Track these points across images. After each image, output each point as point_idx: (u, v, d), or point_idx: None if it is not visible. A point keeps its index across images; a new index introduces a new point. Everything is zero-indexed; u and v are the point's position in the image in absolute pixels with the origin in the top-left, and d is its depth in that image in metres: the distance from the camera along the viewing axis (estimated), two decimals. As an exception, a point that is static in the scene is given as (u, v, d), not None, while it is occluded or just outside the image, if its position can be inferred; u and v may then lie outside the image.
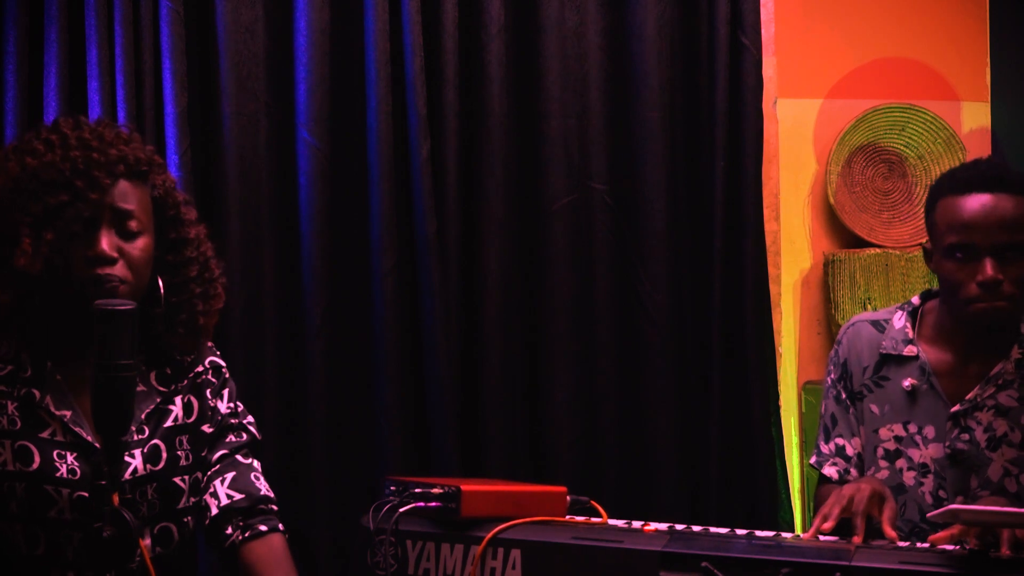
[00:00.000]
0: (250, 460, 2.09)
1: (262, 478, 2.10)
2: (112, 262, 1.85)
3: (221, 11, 2.93)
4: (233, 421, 2.07)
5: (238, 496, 2.01)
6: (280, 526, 2.05)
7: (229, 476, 2.03)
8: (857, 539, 2.05)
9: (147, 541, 1.89)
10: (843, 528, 2.11)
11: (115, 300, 1.79)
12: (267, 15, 2.99)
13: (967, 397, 2.44)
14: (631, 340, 3.19)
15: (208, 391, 2.04)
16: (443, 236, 3.07)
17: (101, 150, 1.88)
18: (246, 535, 2.01)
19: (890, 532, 2.08)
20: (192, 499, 1.98)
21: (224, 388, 2.09)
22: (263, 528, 2.02)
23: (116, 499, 1.64)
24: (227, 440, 2.04)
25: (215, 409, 2.05)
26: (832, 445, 2.56)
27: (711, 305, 3.21)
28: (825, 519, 2.11)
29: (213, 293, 2.04)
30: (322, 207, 3.03)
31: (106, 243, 1.85)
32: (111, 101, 2.83)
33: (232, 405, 2.08)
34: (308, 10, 2.96)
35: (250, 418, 2.13)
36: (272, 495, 2.06)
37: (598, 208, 3.19)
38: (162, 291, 1.93)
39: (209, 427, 2.04)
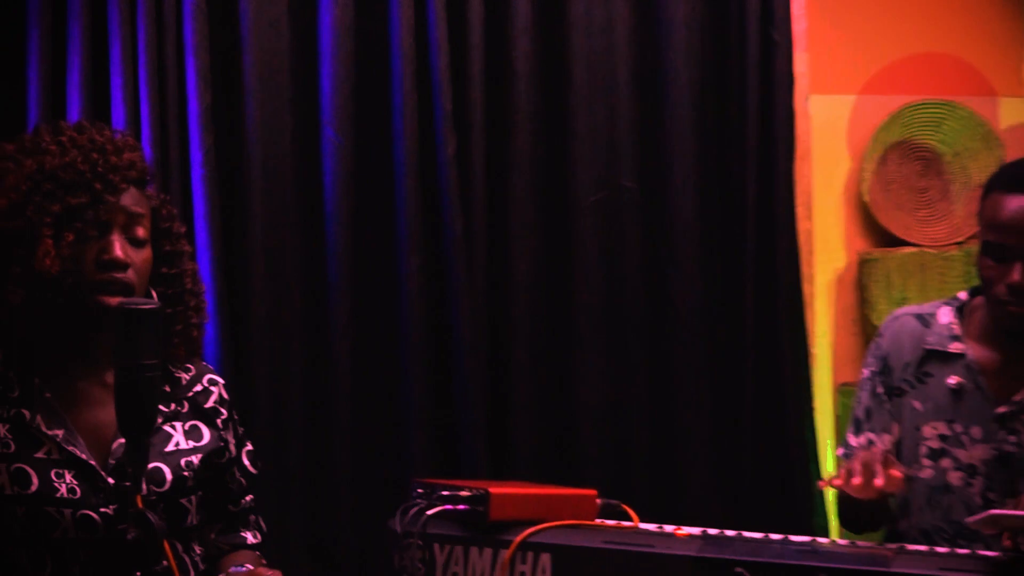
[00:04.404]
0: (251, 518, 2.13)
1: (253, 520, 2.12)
2: (124, 267, 1.85)
3: (245, 7, 2.91)
4: (253, 504, 2.09)
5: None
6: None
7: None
8: (856, 480, 2.08)
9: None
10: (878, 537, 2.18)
11: (139, 299, 1.79)
12: (292, 11, 2.96)
13: (1015, 399, 2.41)
14: (661, 341, 3.17)
15: (219, 421, 2.01)
16: (470, 235, 3.05)
17: (116, 154, 1.88)
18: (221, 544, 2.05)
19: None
20: (198, 519, 1.96)
21: (245, 444, 2.08)
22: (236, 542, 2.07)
23: (140, 501, 1.63)
24: (240, 529, 2.09)
25: (238, 461, 2.06)
26: (863, 438, 2.53)
27: (743, 305, 3.19)
28: (849, 474, 2.13)
29: (202, 306, 2.03)
30: (347, 206, 3.00)
31: (119, 248, 1.84)
32: (134, 98, 2.82)
33: (253, 471, 2.08)
34: (333, 6, 2.95)
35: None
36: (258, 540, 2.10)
37: (627, 206, 3.17)
38: (156, 302, 1.85)
39: (223, 462, 2.03)
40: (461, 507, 2.10)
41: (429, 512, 2.08)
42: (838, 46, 3.61)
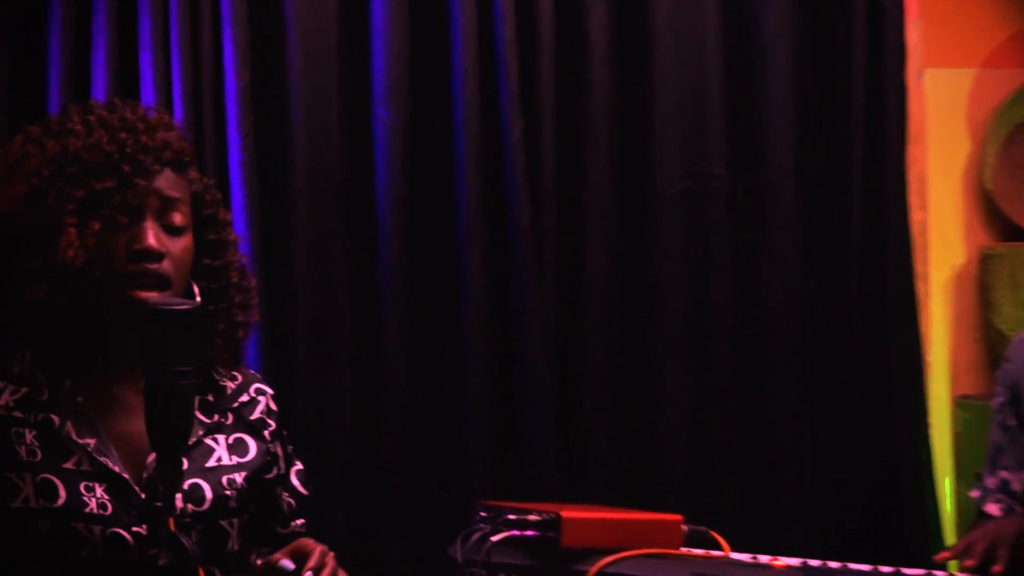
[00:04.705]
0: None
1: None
2: (158, 258, 1.77)
3: (288, -24, 2.89)
4: (304, 530, 2.02)
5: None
6: None
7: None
8: (998, 568, 2.02)
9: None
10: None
11: (172, 298, 1.75)
12: (339, -21, 2.94)
13: None
14: (753, 349, 3.09)
15: (266, 433, 1.95)
16: (538, 228, 2.96)
17: (148, 134, 1.81)
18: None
19: None
20: (240, 543, 1.88)
21: (294, 462, 2.02)
22: None
23: (172, 524, 1.59)
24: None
25: (287, 480, 2.00)
26: (996, 478, 2.43)
27: (847, 309, 3.09)
28: (968, 553, 2.09)
29: (251, 303, 1.94)
30: (401, 194, 2.92)
31: (153, 236, 1.77)
32: (165, 76, 2.75)
33: (304, 492, 2.03)
34: (385, -26, 2.92)
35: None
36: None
37: (716, 197, 3.08)
38: (198, 298, 1.83)
39: (271, 478, 1.96)
40: (529, 533, 2.05)
41: (494, 538, 2.02)
42: (956, 14, 3.51)
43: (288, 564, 1.72)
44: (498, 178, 2.98)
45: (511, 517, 2.05)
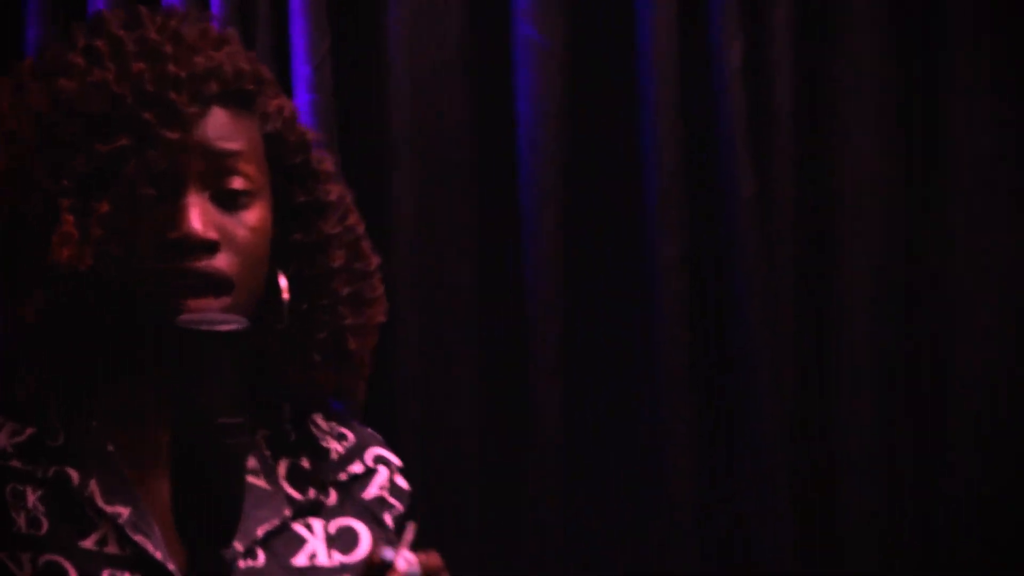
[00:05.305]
0: None
1: None
2: (208, 248, 1.49)
3: None
4: None
5: None
6: None
7: None
8: None
9: None
10: None
11: (212, 315, 1.43)
12: None
13: None
14: None
15: (387, 516, 1.68)
16: (769, 205, 2.48)
17: (180, 58, 1.51)
18: None
19: None
20: None
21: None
22: None
23: None
24: None
25: None
26: None
27: None
28: None
29: (371, 296, 1.63)
30: (556, 150, 2.44)
31: (197, 216, 1.49)
32: None
33: None
34: None
35: None
36: None
37: None
38: (285, 294, 1.56)
39: None
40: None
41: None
42: None
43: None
44: (706, 128, 2.48)
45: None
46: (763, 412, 2.50)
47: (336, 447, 1.66)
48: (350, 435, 1.68)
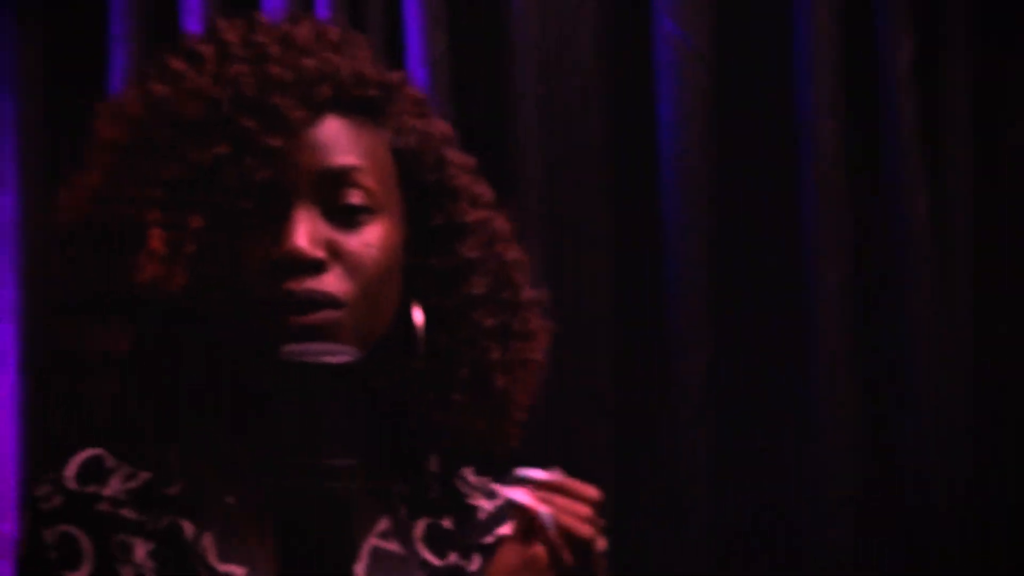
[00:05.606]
0: None
1: None
2: (313, 267, 1.34)
3: None
4: None
5: None
6: None
7: None
8: None
9: None
10: None
11: (320, 346, 1.26)
12: None
13: None
14: None
15: None
16: (943, 220, 2.33)
17: (286, 60, 1.38)
18: None
19: None
20: None
21: None
22: None
23: None
24: None
25: None
26: None
27: None
28: None
29: (522, 329, 1.46)
30: (702, 163, 2.31)
31: (303, 232, 1.35)
32: None
33: None
34: None
35: None
36: None
37: None
38: (419, 325, 1.40)
39: None
40: None
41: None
42: None
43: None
44: (870, 138, 2.31)
45: None
46: (938, 467, 2.33)
47: (485, 505, 1.52)
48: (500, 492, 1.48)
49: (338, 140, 1.40)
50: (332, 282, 1.36)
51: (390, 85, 1.44)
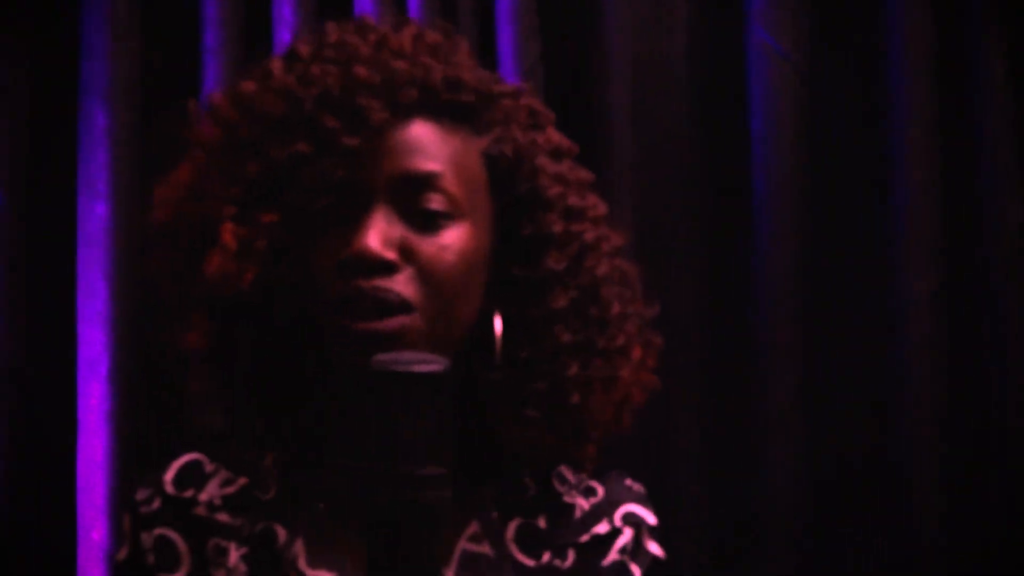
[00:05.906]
0: None
1: None
2: (386, 267, 1.32)
3: None
4: None
5: None
6: None
7: None
8: None
9: None
10: None
11: (410, 354, 1.24)
12: None
13: None
14: None
15: None
16: None
17: (375, 62, 1.36)
18: None
19: None
20: None
21: None
22: None
23: None
24: None
25: None
26: None
27: None
28: None
29: (606, 347, 1.42)
30: (794, 173, 2.25)
31: (376, 233, 1.32)
32: None
33: None
34: None
35: None
36: None
37: None
38: (498, 335, 1.38)
39: None
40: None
41: None
42: None
43: None
44: (963, 145, 2.24)
45: None
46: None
47: (582, 503, 1.50)
48: (600, 489, 1.49)
49: (422, 144, 1.38)
50: (402, 283, 1.34)
51: (490, 92, 1.42)
